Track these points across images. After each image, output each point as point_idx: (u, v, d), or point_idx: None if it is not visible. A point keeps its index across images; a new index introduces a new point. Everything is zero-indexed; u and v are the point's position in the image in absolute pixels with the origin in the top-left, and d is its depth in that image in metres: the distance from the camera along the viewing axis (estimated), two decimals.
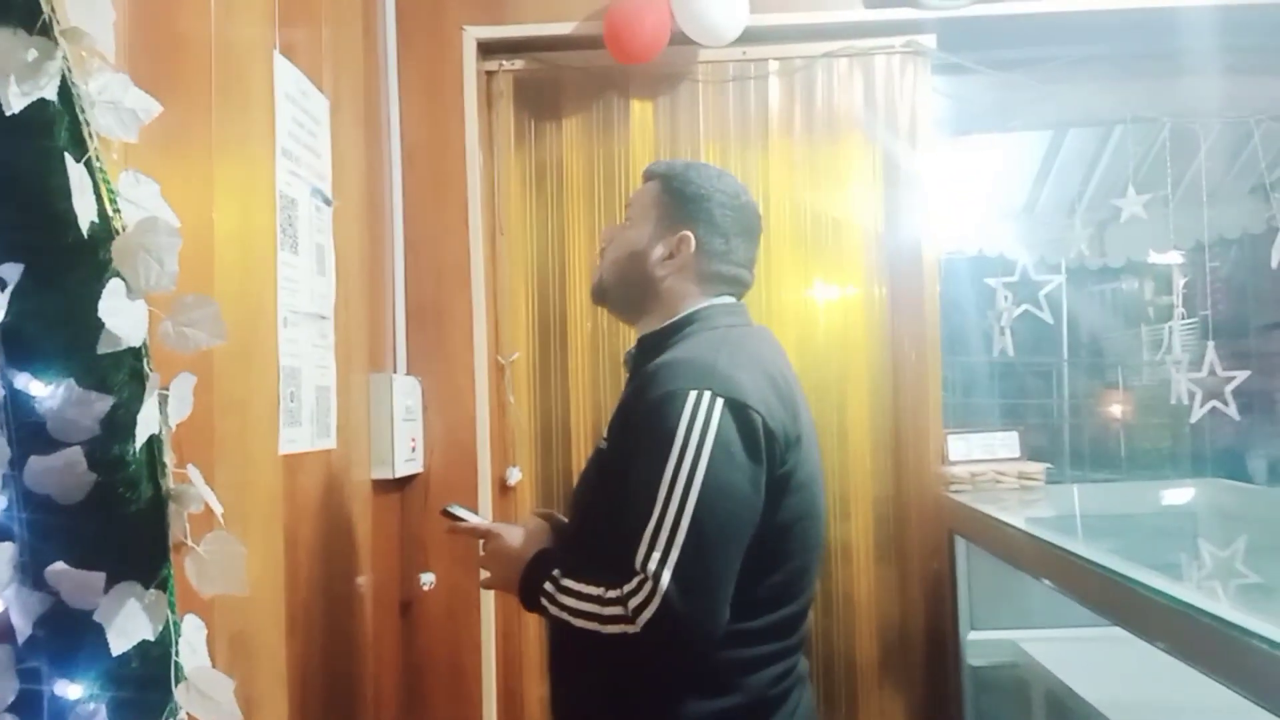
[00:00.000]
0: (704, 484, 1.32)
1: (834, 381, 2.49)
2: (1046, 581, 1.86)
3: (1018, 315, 2.58)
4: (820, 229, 2.53)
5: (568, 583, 1.41)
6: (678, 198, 1.59)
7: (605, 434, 1.52)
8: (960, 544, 2.43)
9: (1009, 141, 3.56)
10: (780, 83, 2.53)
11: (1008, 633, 2.43)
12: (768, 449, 1.38)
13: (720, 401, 1.36)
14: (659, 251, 1.57)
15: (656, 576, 1.31)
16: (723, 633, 1.35)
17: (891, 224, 2.52)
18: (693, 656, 1.38)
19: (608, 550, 1.37)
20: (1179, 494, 2.78)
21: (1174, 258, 2.65)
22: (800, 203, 2.52)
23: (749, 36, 2.41)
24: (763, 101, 2.53)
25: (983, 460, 2.50)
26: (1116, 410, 3.97)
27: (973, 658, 2.42)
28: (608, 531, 1.40)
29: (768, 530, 1.40)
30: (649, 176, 1.66)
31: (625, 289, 1.63)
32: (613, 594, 1.35)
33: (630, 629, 1.33)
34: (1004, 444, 2.53)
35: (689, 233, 1.56)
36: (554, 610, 1.42)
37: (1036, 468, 2.49)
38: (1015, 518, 2.08)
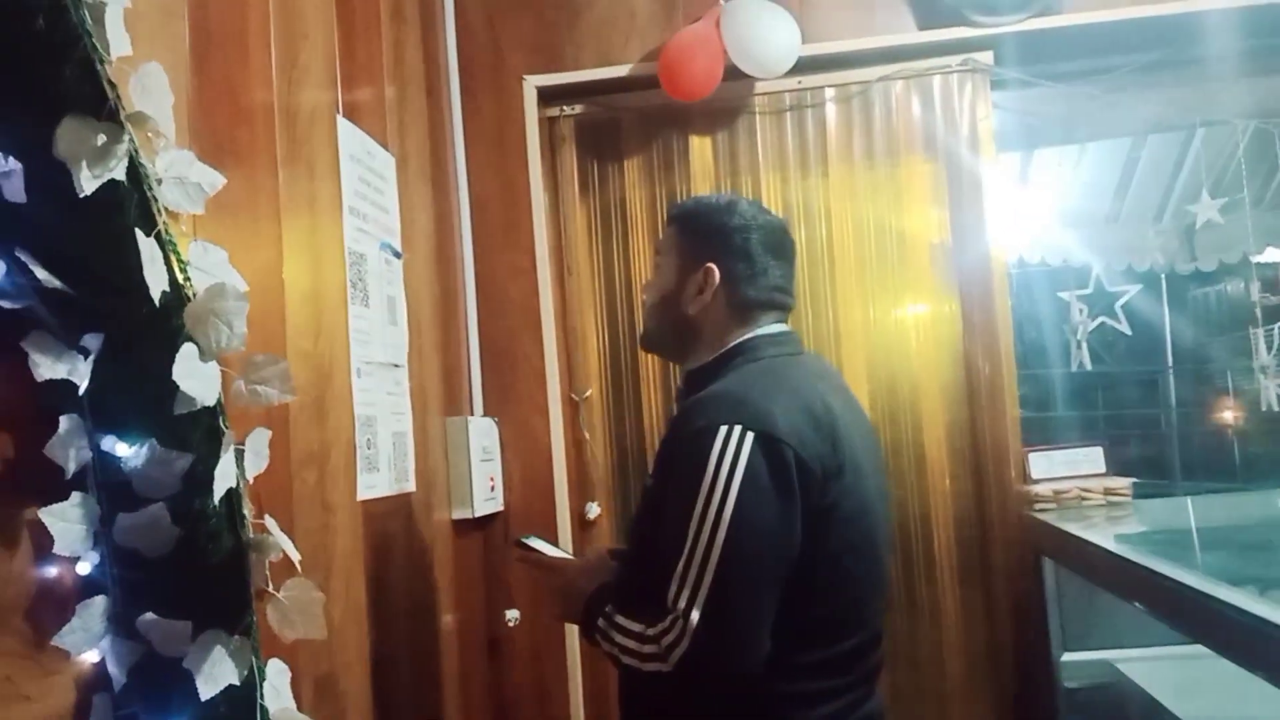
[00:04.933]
0: (732, 521, 1.32)
1: (908, 402, 2.47)
2: (1137, 604, 1.81)
3: (1094, 328, 2.53)
4: (885, 252, 2.52)
5: (619, 618, 1.44)
6: (695, 234, 1.62)
7: (651, 470, 1.54)
8: (1048, 563, 2.38)
9: (1088, 152, 3.51)
10: (837, 109, 2.54)
11: (1103, 653, 2.36)
12: (801, 482, 1.37)
13: (751, 436, 1.35)
14: (689, 290, 1.59)
15: (686, 615, 1.32)
16: (759, 667, 1.34)
17: (959, 242, 2.50)
18: (736, 691, 1.38)
19: (651, 588, 1.39)
20: (1277, 504, 2.67)
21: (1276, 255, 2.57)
22: (864, 227, 2.52)
23: (803, 66, 2.43)
24: (821, 129, 2.54)
25: (1066, 477, 2.44)
26: (1211, 419, 3.85)
27: (1067, 680, 2.35)
28: (651, 568, 1.41)
29: (811, 563, 1.38)
30: (669, 221, 1.69)
31: (665, 333, 1.66)
32: (651, 631, 1.37)
33: (664, 667, 1.35)
34: (1088, 459, 2.46)
35: (712, 265, 1.57)
36: (605, 646, 1.45)
37: (1123, 483, 2.41)
38: (1102, 536, 2.02)
